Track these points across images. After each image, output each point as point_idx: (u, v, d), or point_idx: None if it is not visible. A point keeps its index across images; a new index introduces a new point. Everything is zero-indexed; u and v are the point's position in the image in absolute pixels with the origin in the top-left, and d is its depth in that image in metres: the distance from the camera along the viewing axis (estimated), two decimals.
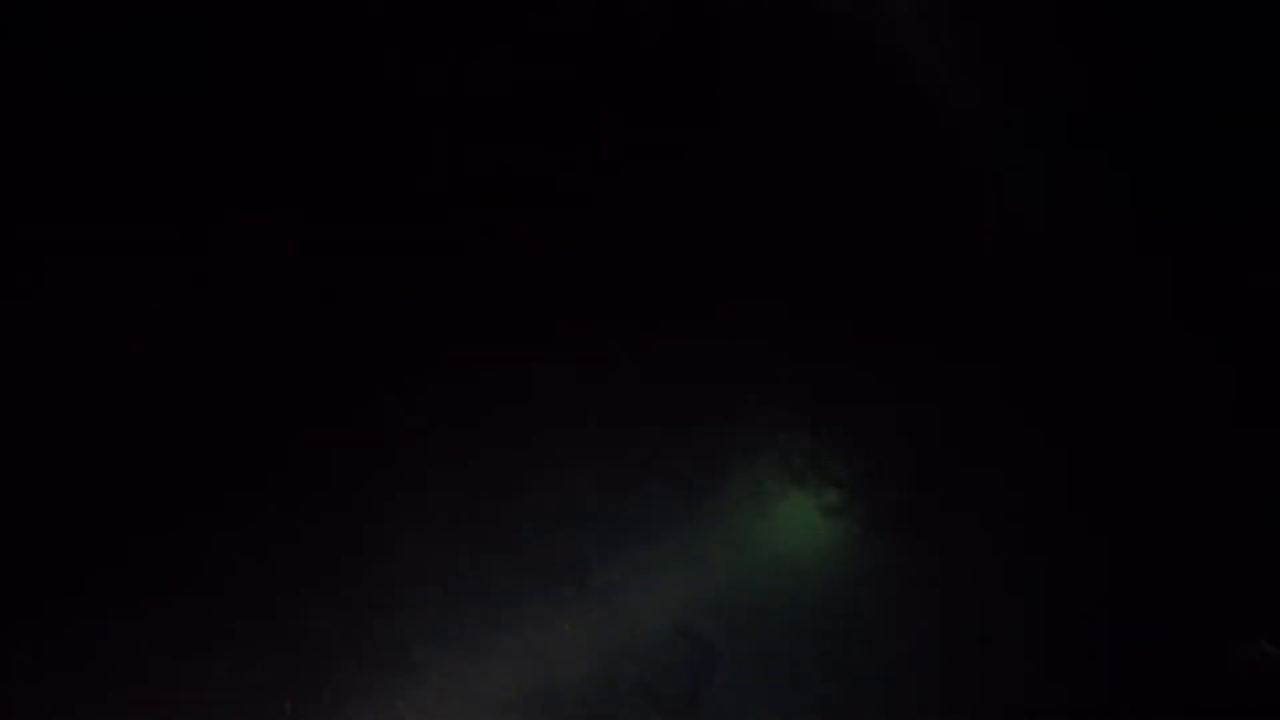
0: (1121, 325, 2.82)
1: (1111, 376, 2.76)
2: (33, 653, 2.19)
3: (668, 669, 2.31)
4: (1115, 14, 3.07)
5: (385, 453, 2.53)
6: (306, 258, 2.74)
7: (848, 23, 3.05)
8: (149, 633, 2.23)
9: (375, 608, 2.33)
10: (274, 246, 2.74)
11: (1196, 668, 2.38)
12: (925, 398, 2.73)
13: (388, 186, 2.85)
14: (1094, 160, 2.96)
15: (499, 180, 2.88)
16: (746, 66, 3.06)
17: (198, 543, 2.37)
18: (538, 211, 2.85)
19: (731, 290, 2.84)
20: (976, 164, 2.98)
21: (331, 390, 2.60)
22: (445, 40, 2.98)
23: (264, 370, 2.61)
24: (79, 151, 2.79)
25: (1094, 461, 2.65)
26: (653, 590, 2.41)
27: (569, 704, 2.27)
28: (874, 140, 3.02)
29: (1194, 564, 2.50)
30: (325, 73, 2.92)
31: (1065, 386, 2.75)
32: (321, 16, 2.95)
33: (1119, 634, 2.40)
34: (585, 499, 2.52)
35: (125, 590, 2.28)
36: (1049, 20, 3.08)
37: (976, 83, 3.03)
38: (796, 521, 2.55)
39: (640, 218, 2.88)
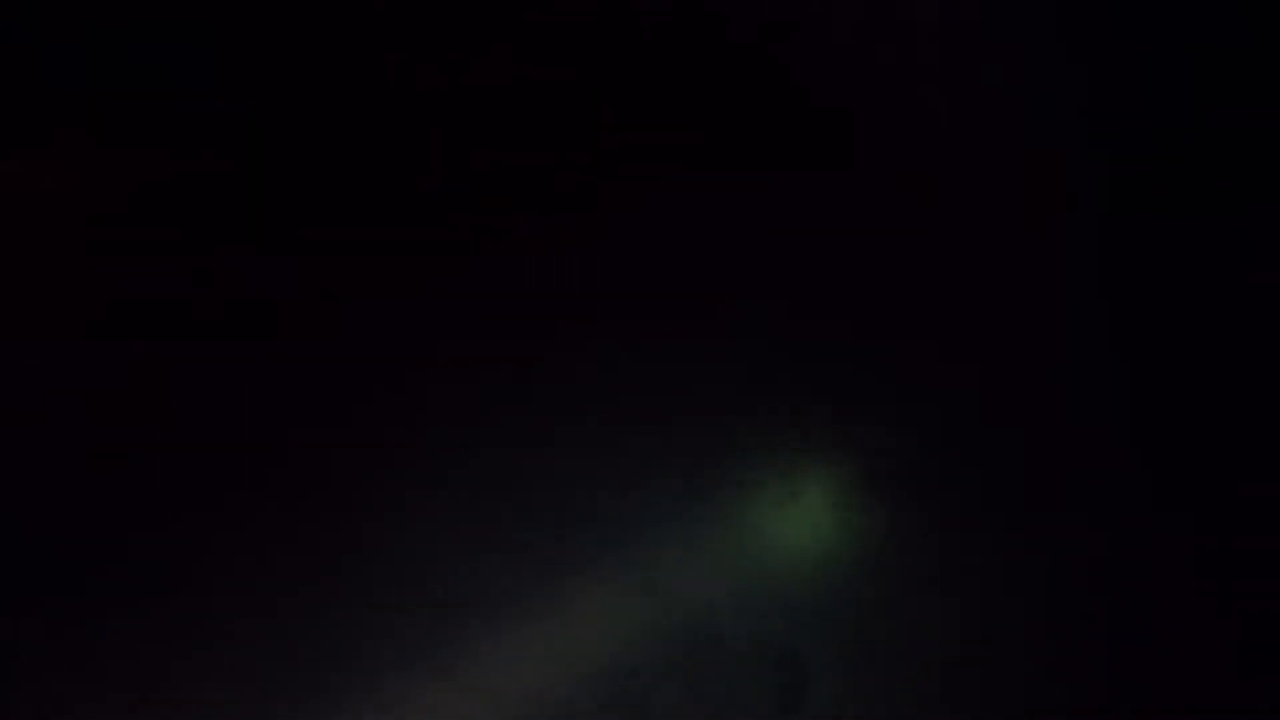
0: (1121, 325, 2.82)
1: (1111, 376, 2.76)
2: (33, 653, 2.19)
3: (669, 676, 2.31)
4: (1115, 14, 3.07)
5: (385, 453, 2.54)
6: (306, 258, 2.74)
7: (846, 22, 3.06)
8: (149, 633, 2.23)
9: (375, 608, 2.33)
10: (274, 246, 2.74)
11: (1196, 668, 2.38)
12: (925, 397, 2.73)
13: (388, 186, 2.85)
14: (1094, 160, 2.96)
15: (499, 180, 2.88)
16: (747, 66, 3.06)
17: (198, 543, 2.37)
18: (538, 211, 2.86)
19: (731, 290, 2.85)
20: (976, 164, 2.98)
21: (331, 390, 2.60)
22: (445, 40, 2.98)
23: (264, 370, 2.61)
24: (79, 151, 2.79)
25: (1094, 461, 2.65)
26: (650, 591, 2.41)
27: (564, 705, 2.27)
28: (874, 140, 3.02)
29: (1194, 564, 2.50)
30: (325, 73, 2.92)
31: (1065, 386, 2.75)
32: (321, 16, 2.95)
33: (1119, 634, 2.40)
34: (585, 499, 2.52)
35: (125, 590, 2.29)
36: (1049, 20, 3.08)
37: (976, 83, 3.03)
38: (795, 522, 2.56)
39: (640, 218, 2.88)
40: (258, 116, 2.87)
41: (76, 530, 2.36)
